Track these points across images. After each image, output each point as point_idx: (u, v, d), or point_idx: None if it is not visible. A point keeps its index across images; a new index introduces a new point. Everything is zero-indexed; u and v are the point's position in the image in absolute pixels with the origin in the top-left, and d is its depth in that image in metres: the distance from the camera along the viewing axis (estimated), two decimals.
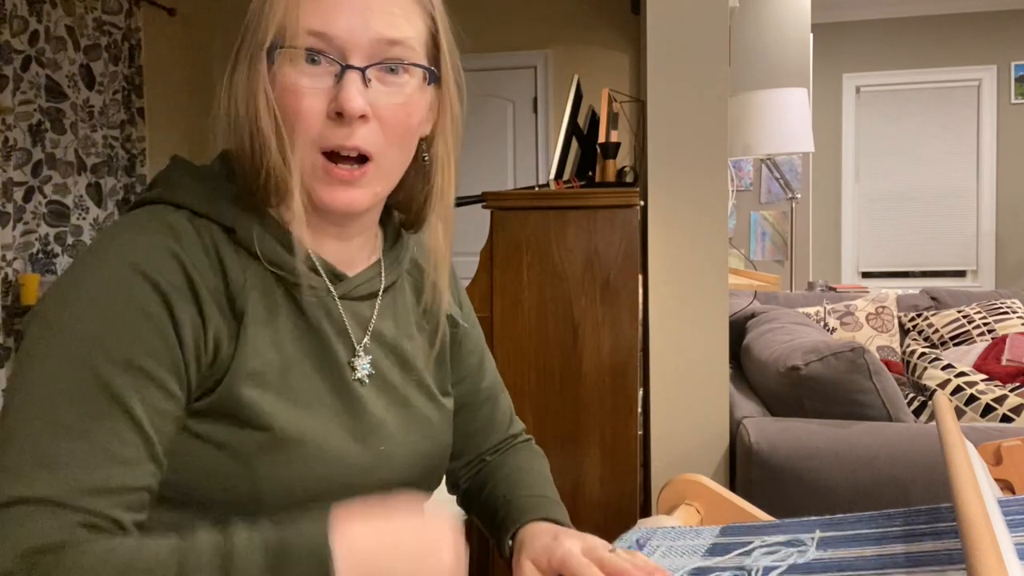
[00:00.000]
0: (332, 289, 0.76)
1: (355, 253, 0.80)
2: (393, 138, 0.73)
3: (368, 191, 0.73)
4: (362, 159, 0.72)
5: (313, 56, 0.69)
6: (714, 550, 0.74)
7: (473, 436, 0.94)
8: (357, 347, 0.77)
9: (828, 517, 0.75)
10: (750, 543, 0.72)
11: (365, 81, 0.69)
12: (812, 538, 0.71)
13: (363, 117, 0.70)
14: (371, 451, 0.75)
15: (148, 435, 0.64)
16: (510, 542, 0.82)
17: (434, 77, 0.75)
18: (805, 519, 0.76)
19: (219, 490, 0.68)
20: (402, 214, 0.85)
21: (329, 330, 0.75)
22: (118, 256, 0.66)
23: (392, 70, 0.71)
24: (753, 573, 0.66)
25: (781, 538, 0.72)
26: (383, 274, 0.81)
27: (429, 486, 0.84)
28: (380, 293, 0.81)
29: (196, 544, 0.60)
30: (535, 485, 0.89)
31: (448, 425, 0.86)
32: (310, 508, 0.64)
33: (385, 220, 0.85)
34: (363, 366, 0.77)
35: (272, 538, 0.60)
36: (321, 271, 0.75)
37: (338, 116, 0.69)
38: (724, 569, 0.68)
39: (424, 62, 0.74)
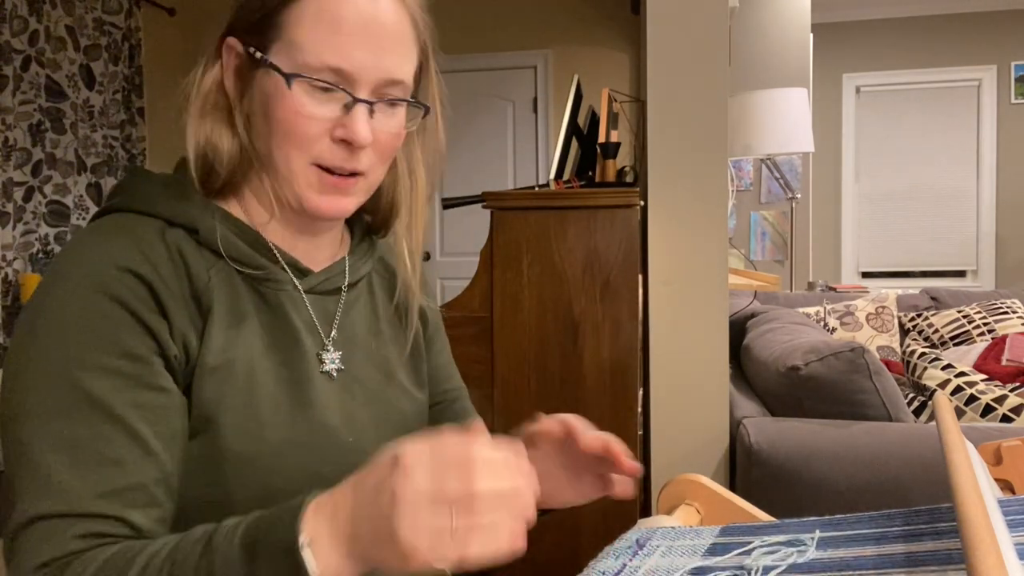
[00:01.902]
0: (298, 284, 0.79)
1: (322, 250, 0.83)
2: (383, 158, 0.78)
3: (355, 199, 0.78)
4: (352, 172, 0.76)
5: (327, 87, 0.73)
6: (714, 550, 0.74)
7: None
8: (325, 340, 0.80)
9: (828, 517, 0.75)
10: (750, 543, 0.72)
11: (371, 113, 0.74)
12: (812, 538, 0.71)
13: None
14: (340, 444, 0.77)
15: (136, 431, 0.65)
16: None
17: (424, 110, 0.81)
18: (805, 519, 0.76)
19: (201, 486, 0.70)
20: (369, 216, 0.90)
21: (298, 322, 0.78)
22: (81, 277, 0.68)
23: (392, 104, 0.76)
24: (753, 573, 0.66)
25: (781, 538, 0.72)
26: (347, 271, 0.85)
27: None
28: (344, 289, 0.84)
29: (187, 538, 0.61)
30: None
31: (423, 418, 0.89)
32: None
33: (353, 220, 0.89)
34: (331, 359, 0.80)
35: (251, 523, 0.59)
36: (286, 266, 0.79)
37: (343, 142, 0.74)
38: (724, 569, 0.68)
39: (414, 94, 0.80)
